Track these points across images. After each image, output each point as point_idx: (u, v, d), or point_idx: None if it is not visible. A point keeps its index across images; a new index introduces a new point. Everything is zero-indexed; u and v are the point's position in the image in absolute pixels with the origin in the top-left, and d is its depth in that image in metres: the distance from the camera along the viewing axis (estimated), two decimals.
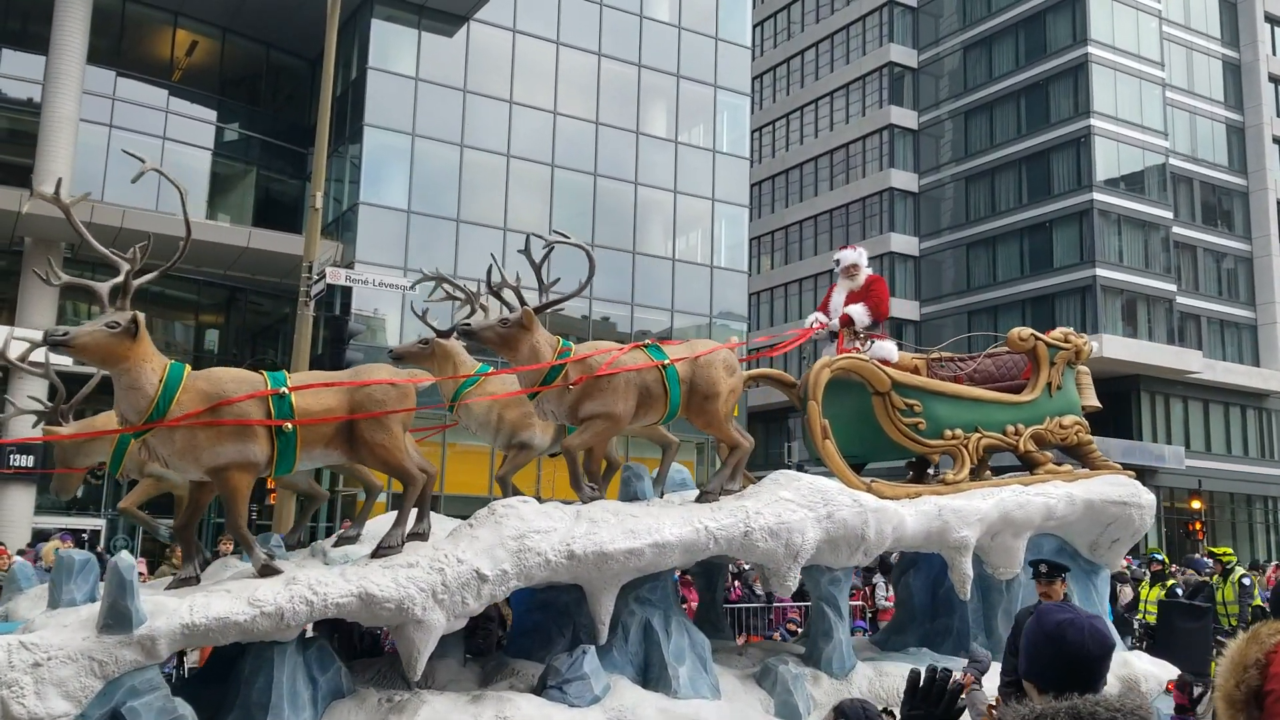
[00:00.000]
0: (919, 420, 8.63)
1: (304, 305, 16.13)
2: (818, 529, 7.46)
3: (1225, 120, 46.48)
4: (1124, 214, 41.10)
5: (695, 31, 35.61)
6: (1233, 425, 44.22)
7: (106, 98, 29.37)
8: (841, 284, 9.53)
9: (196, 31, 32.33)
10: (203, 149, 31.91)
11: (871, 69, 48.45)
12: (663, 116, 35.00)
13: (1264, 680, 2.39)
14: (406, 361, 7.94)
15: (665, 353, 7.62)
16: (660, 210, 34.51)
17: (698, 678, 7.18)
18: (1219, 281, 45.40)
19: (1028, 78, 43.43)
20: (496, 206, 31.27)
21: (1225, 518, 43.75)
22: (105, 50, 29.57)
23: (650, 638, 7.32)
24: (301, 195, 31.11)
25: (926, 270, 46.88)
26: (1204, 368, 41.75)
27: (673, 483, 8.54)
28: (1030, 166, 43.00)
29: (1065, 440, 9.45)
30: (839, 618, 8.09)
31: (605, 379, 7.18)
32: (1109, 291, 40.15)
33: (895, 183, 46.99)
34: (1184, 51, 45.45)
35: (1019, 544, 8.65)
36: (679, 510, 7.25)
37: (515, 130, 31.94)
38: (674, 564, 7.14)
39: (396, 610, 5.98)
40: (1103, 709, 2.25)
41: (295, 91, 34.22)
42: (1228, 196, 46.09)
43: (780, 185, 52.17)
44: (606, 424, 7.24)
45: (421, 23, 31.21)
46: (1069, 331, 9.76)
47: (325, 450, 6.42)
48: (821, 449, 8.24)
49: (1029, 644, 2.73)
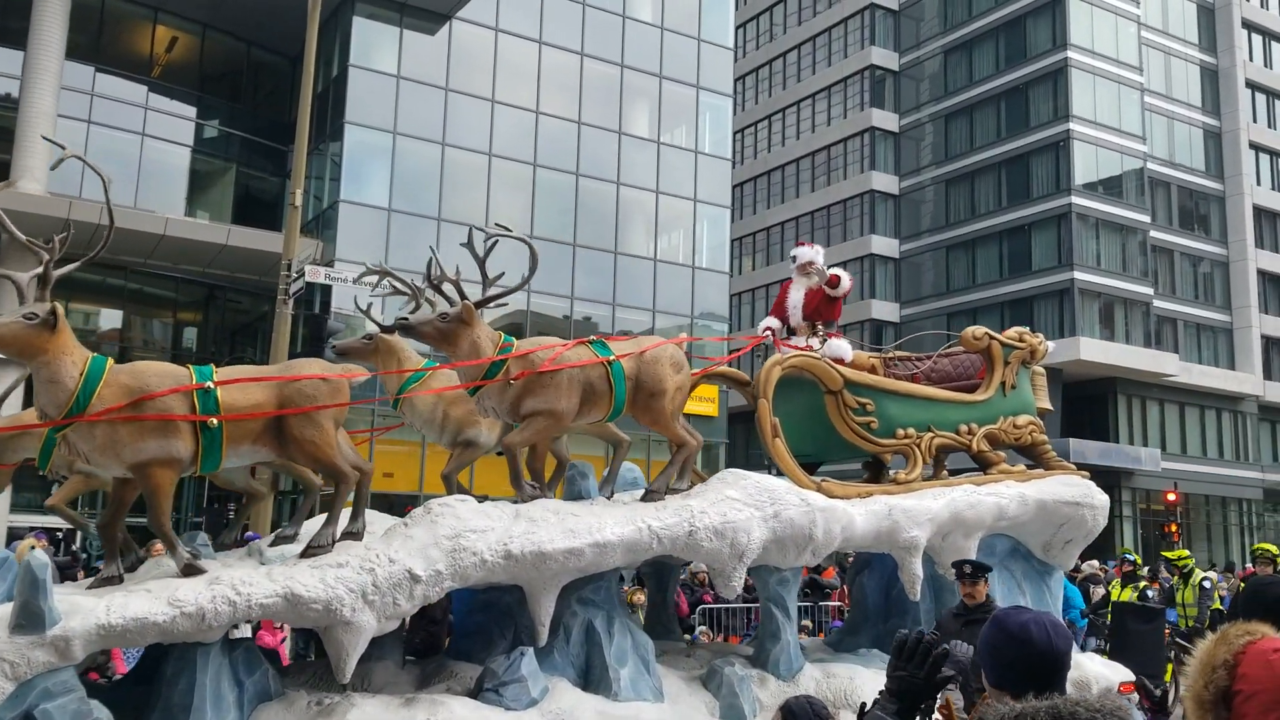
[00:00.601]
0: (871, 419, 8.53)
1: (283, 303, 16.06)
2: (764, 528, 7.33)
3: (1203, 125, 46.84)
4: (1102, 218, 41.38)
5: (678, 32, 35.62)
6: (1208, 428, 44.58)
7: (85, 94, 29.16)
8: (798, 281, 9.38)
9: (176, 27, 32.14)
10: (182, 146, 31.72)
11: (853, 71, 48.62)
12: (645, 117, 34.99)
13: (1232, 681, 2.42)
14: (350, 357, 7.77)
15: (610, 349, 7.47)
16: (642, 210, 34.51)
17: (640, 680, 7.07)
18: (1195, 285, 45.76)
19: (1008, 81, 43.67)
20: (478, 205, 31.19)
21: (1200, 519, 44.09)
22: (84, 46, 29.34)
23: (592, 639, 7.20)
24: (281, 193, 30.95)
25: (907, 272, 47.06)
26: (1180, 370, 42.09)
27: (624, 482, 8.36)
28: (1010, 170, 43.25)
29: (1019, 440, 9.36)
30: (786, 619, 7.96)
31: (548, 375, 7.04)
32: (1087, 294, 40.42)
33: (876, 185, 47.16)
34: (1162, 57, 45.79)
35: (970, 544, 8.55)
36: (622, 509, 7.11)
37: (497, 129, 31.88)
38: (616, 564, 7.02)
39: (324, 611, 5.84)
40: (1083, 709, 2.28)
41: (276, 88, 34.06)
42: (1204, 201, 46.46)
43: (762, 187, 52.27)
44: (548, 421, 7.11)
45: (403, 20, 31.11)
46: (1024, 331, 9.67)
47: (254, 447, 6.25)
48: (771, 448, 8.12)
49: (991, 649, 2.70)
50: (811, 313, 9.18)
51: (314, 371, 6.43)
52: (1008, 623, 2.64)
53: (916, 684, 2.74)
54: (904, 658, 2.73)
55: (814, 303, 9.17)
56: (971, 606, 6.85)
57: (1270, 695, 2.35)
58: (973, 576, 6.87)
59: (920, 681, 2.73)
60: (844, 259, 47.46)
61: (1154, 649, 12.08)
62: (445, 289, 7.32)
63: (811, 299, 9.17)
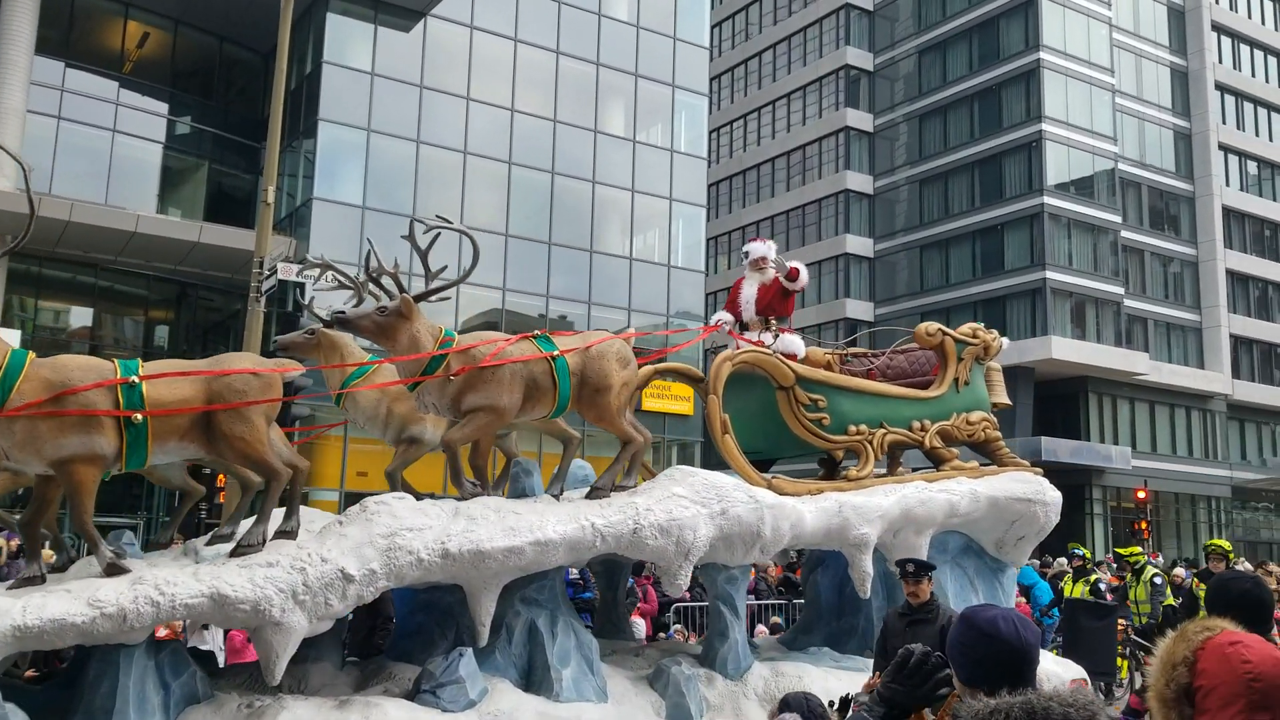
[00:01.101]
0: (823, 415, 8.46)
1: (255, 301, 15.95)
2: (711, 526, 7.24)
3: (1173, 126, 47.29)
4: (1074, 218, 41.71)
5: (654, 31, 35.63)
6: (1178, 426, 45.03)
7: (55, 89, 28.88)
8: (750, 277, 9.26)
9: (148, 23, 31.87)
10: (154, 142, 31.45)
11: (828, 71, 48.79)
12: (621, 115, 34.98)
13: (1193, 677, 2.45)
14: (292, 352, 7.64)
15: (555, 344, 7.37)
16: (618, 209, 34.51)
17: (582, 680, 6.97)
18: (1165, 285, 46.19)
19: (981, 82, 43.94)
20: (453, 203, 31.09)
21: (1170, 517, 44.53)
22: (54, 41, 29.07)
23: (535, 639, 7.10)
24: (254, 190, 30.74)
25: (881, 271, 47.28)
26: (1150, 369, 42.48)
27: (575, 479, 8.27)
28: (983, 170, 43.52)
29: (973, 437, 9.32)
30: (735, 617, 7.88)
31: (489, 370, 6.91)
32: (1058, 294, 40.74)
33: (851, 184, 47.35)
34: (1133, 58, 46.19)
35: (922, 541, 8.50)
36: (565, 507, 7.01)
37: (472, 127, 31.79)
38: (559, 563, 6.91)
39: (252, 612, 5.70)
40: (1056, 705, 2.29)
41: (249, 85, 33.84)
42: (1175, 201, 46.90)
43: (737, 186, 52.37)
44: (489, 417, 6.97)
45: (378, 17, 30.97)
46: (977, 327, 9.59)
47: (181, 443, 6.08)
48: (721, 444, 8.07)
49: (961, 647, 2.68)
50: (764, 308, 9.08)
51: (244, 366, 6.27)
52: (976, 620, 2.63)
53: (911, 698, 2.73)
54: (905, 674, 2.72)
55: (767, 298, 9.07)
56: (916, 605, 6.83)
57: (1229, 688, 2.39)
58: (916, 575, 6.83)
59: (917, 696, 2.73)
60: (819, 258, 47.67)
61: (1106, 645, 12.12)
62: (385, 283, 7.22)
63: (765, 294, 9.07)
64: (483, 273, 32.75)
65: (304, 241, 28.74)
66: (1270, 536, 48.06)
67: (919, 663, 2.71)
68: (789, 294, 9.15)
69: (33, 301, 30.30)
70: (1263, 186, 49.38)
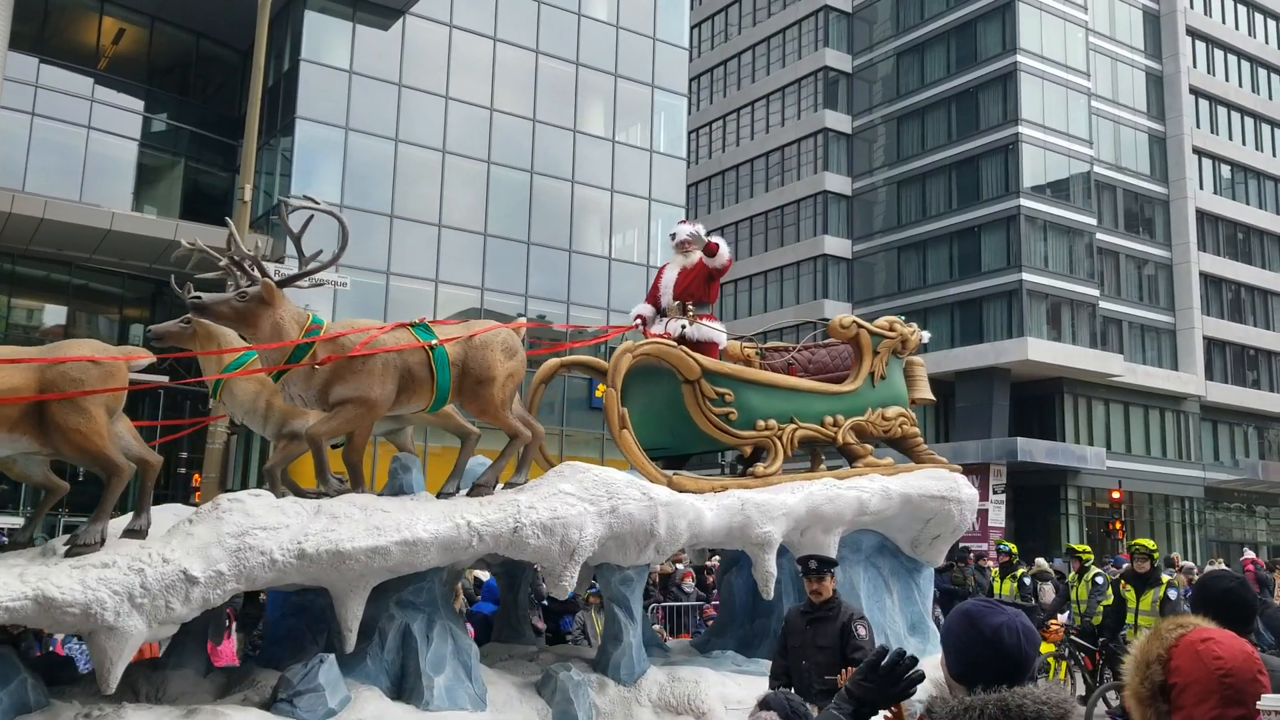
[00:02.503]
0: (730, 410, 8.08)
1: None
2: (599, 524, 6.88)
3: (1148, 130, 47.68)
4: (1050, 220, 42.01)
5: (633, 31, 35.67)
6: (1152, 427, 45.41)
7: (29, 85, 28.61)
8: (674, 261, 8.86)
9: (124, 19, 31.63)
10: (129, 139, 31.24)
11: (807, 73, 48.95)
12: (600, 115, 35.00)
13: (1167, 675, 2.48)
14: (168, 341, 7.24)
15: (434, 333, 6.93)
16: (597, 209, 34.53)
17: (457, 688, 6.61)
18: (1140, 287, 46.57)
19: (958, 85, 44.19)
20: (431, 202, 31.04)
21: (1144, 517, 44.90)
22: (28, 36, 28.81)
23: (408, 645, 6.72)
24: (231, 187, 30.56)
25: (859, 273, 47.46)
26: (1125, 371, 42.83)
27: (473, 476, 7.81)
28: (960, 172, 43.76)
29: (889, 432, 9.01)
30: (630, 620, 7.50)
31: (359, 360, 6.49)
32: (1034, 296, 41.01)
33: (829, 186, 47.52)
34: (1109, 62, 46.55)
35: (830, 540, 8.19)
36: (440, 505, 6.63)
37: (451, 125, 31.74)
38: (432, 564, 6.50)
39: (82, 615, 5.30)
40: (1030, 702, 2.29)
41: (226, 82, 33.64)
42: (1149, 204, 47.30)
43: (716, 186, 52.48)
44: (359, 410, 6.53)
45: (356, 15, 30.87)
46: (895, 320, 9.33)
47: (10, 435, 5.69)
48: (618, 439, 7.74)
49: (961, 646, 2.62)
50: (682, 292, 8.70)
51: (84, 353, 5.87)
52: (981, 624, 2.54)
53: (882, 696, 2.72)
54: (878, 674, 2.70)
55: (685, 281, 8.71)
56: (818, 603, 6.58)
57: (1202, 685, 2.42)
58: (818, 572, 6.57)
59: (888, 695, 2.72)
60: (797, 259, 47.84)
61: None
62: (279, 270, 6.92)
63: (684, 278, 8.71)
64: (462, 272, 32.81)
65: (280, 240, 28.59)
66: (1242, 536, 48.51)
67: (891, 664, 2.68)
68: (712, 279, 8.79)
69: (5, 299, 30.02)
70: (1236, 190, 49.87)
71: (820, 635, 6.43)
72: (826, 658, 6.32)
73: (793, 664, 6.55)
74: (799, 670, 6.49)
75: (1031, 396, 42.01)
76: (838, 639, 6.36)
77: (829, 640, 6.38)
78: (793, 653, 6.57)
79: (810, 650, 6.43)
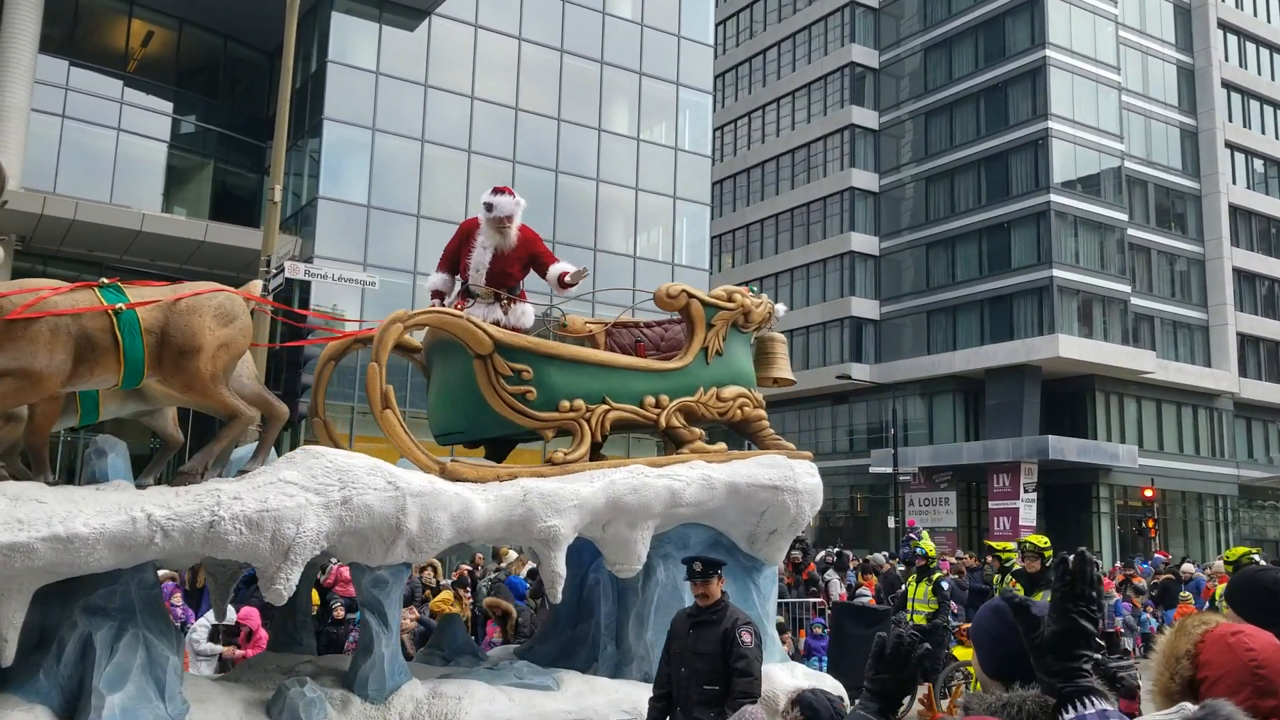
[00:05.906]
0: (528, 389, 7.18)
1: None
2: (325, 518, 6.02)
3: (1179, 124, 47.21)
4: (1080, 215, 41.66)
5: (658, 29, 35.67)
6: (1184, 425, 44.97)
7: (59, 88, 28.92)
8: (487, 236, 7.66)
9: (152, 21, 31.92)
10: (159, 141, 31.52)
11: (833, 69, 48.76)
12: (625, 113, 35.03)
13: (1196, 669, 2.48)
14: None
15: (127, 295, 5.99)
16: (622, 207, 34.56)
17: (140, 708, 5.71)
18: (1172, 283, 46.12)
19: (987, 80, 43.88)
20: (457, 201, 31.14)
21: (1177, 516, 44.51)
22: (58, 39, 29.13)
23: (88, 658, 5.78)
24: (259, 189, 30.82)
25: (886, 270, 47.24)
26: (1157, 368, 42.42)
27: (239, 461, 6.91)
28: (989, 168, 43.46)
29: (726, 415, 7.99)
30: (383, 628, 6.59)
31: (20, 325, 5.54)
32: (1065, 292, 40.68)
33: (856, 182, 47.32)
34: (1139, 56, 46.12)
35: (637, 535, 7.28)
36: (116, 496, 5.73)
37: (476, 125, 31.86)
38: (103, 563, 5.58)
39: None
40: None
41: (254, 84, 33.89)
42: (1181, 199, 46.84)
43: (741, 184, 52.38)
44: (19, 383, 5.60)
45: (382, 16, 31.04)
46: (735, 289, 8.31)
47: None
48: (380, 419, 6.90)
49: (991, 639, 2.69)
50: (496, 276, 7.69)
51: None
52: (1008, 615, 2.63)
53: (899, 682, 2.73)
54: (886, 662, 2.72)
55: (501, 266, 7.70)
56: (705, 607, 6.03)
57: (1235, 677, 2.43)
58: (703, 575, 6.01)
59: (905, 679, 2.73)
60: (824, 256, 47.68)
61: None
62: None
63: (500, 262, 7.68)
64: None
65: (309, 240, 28.82)
66: (1277, 535, 48.00)
67: (895, 647, 2.72)
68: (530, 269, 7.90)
69: None
70: (1269, 184, 49.31)
71: (702, 640, 5.91)
72: (707, 665, 5.83)
73: (674, 671, 6.04)
74: (678, 679, 5.96)
75: (1063, 394, 41.67)
76: (720, 645, 5.84)
77: (711, 646, 5.87)
78: (675, 659, 6.07)
79: (690, 657, 5.92)
